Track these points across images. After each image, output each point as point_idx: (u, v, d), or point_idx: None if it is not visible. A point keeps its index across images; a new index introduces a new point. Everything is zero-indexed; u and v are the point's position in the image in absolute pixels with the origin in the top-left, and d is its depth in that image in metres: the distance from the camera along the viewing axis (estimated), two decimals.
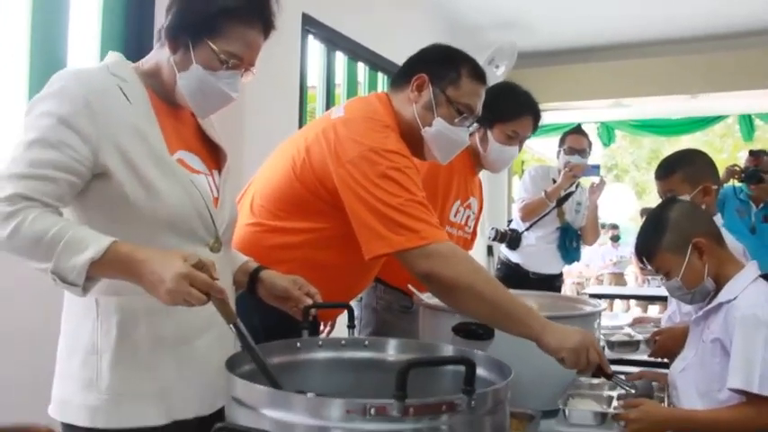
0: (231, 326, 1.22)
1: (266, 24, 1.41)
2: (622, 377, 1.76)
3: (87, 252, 1.15)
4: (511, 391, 1.14)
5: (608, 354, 2.38)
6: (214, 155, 1.53)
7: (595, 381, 1.76)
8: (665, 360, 2.21)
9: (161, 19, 1.41)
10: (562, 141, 4.07)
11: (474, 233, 2.61)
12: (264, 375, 1.23)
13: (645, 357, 2.41)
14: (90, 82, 1.30)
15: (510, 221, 4.43)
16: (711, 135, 14.96)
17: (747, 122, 8.23)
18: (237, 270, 1.59)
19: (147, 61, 1.44)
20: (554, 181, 3.97)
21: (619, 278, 10.82)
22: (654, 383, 1.94)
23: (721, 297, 1.73)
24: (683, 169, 2.27)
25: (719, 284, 1.75)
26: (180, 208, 1.33)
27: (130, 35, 2.90)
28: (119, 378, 1.29)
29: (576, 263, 4.56)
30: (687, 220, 1.79)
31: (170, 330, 1.34)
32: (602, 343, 2.34)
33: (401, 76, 1.94)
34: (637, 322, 3.08)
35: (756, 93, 6.81)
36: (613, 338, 2.64)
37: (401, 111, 1.88)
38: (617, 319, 3.54)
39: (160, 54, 1.41)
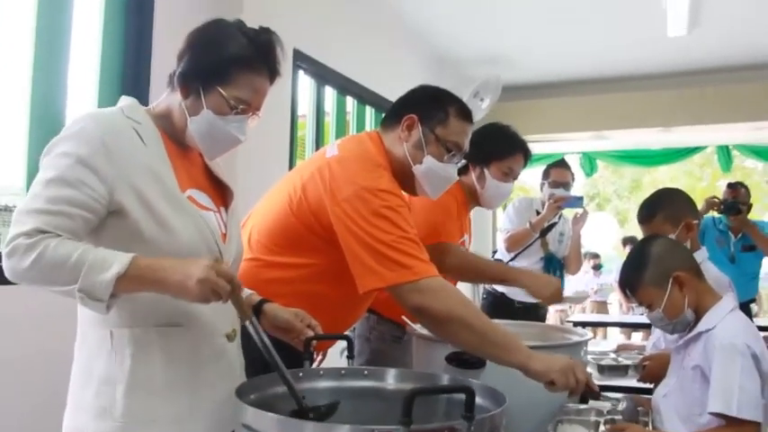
0: (247, 322, 1.30)
1: (272, 72, 1.48)
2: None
3: (113, 268, 1.20)
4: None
5: (597, 379, 2.44)
6: (221, 192, 1.59)
7: (583, 406, 1.82)
8: (651, 386, 2.27)
9: (158, 64, 1.47)
10: (546, 174, 4.12)
11: None
12: (278, 372, 1.31)
13: (633, 383, 2.47)
14: (107, 124, 1.35)
15: (495, 252, 4.48)
16: (691, 164, 15.16)
17: (725, 154, 8.31)
18: None
19: (159, 104, 1.50)
20: (537, 212, 4.03)
21: (601, 306, 10.89)
22: (639, 408, 2.01)
23: (701, 327, 1.81)
24: (664, 211, 2.34)
25: (699, 315, 1.84)
26: (191, 243, 1.38)
27: (127, 80, 2.94)
28: (133, 405, 1.32)
29: None
30: (668, 256, 1.88)
31: (183, 359, 1.39)
32: (590, 368, 2.41)
33: (391, 116, 2.00)
34: (621, 349, 3.15)
35: (728, 126, 6.97)
36: (603, 363, 2.72)
37: (392, 149, 1.95)
38: (600, 347, 3.60)
39: (171, 98, 1.47)
